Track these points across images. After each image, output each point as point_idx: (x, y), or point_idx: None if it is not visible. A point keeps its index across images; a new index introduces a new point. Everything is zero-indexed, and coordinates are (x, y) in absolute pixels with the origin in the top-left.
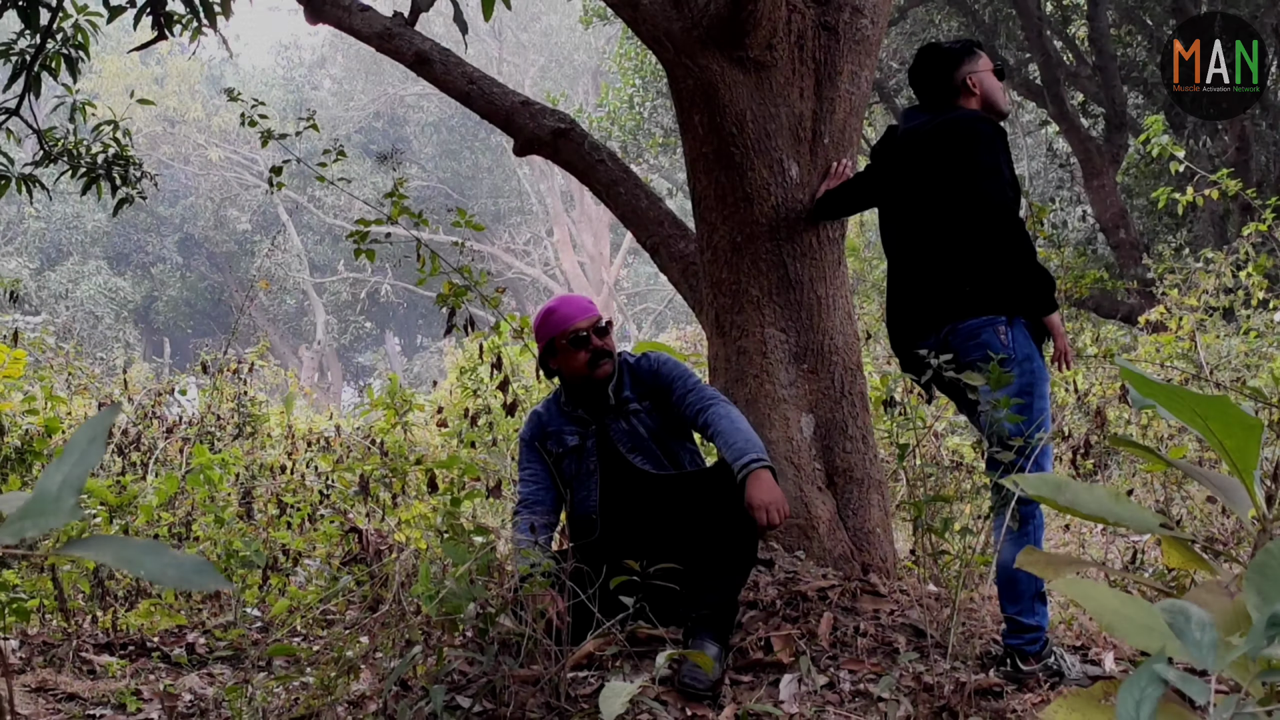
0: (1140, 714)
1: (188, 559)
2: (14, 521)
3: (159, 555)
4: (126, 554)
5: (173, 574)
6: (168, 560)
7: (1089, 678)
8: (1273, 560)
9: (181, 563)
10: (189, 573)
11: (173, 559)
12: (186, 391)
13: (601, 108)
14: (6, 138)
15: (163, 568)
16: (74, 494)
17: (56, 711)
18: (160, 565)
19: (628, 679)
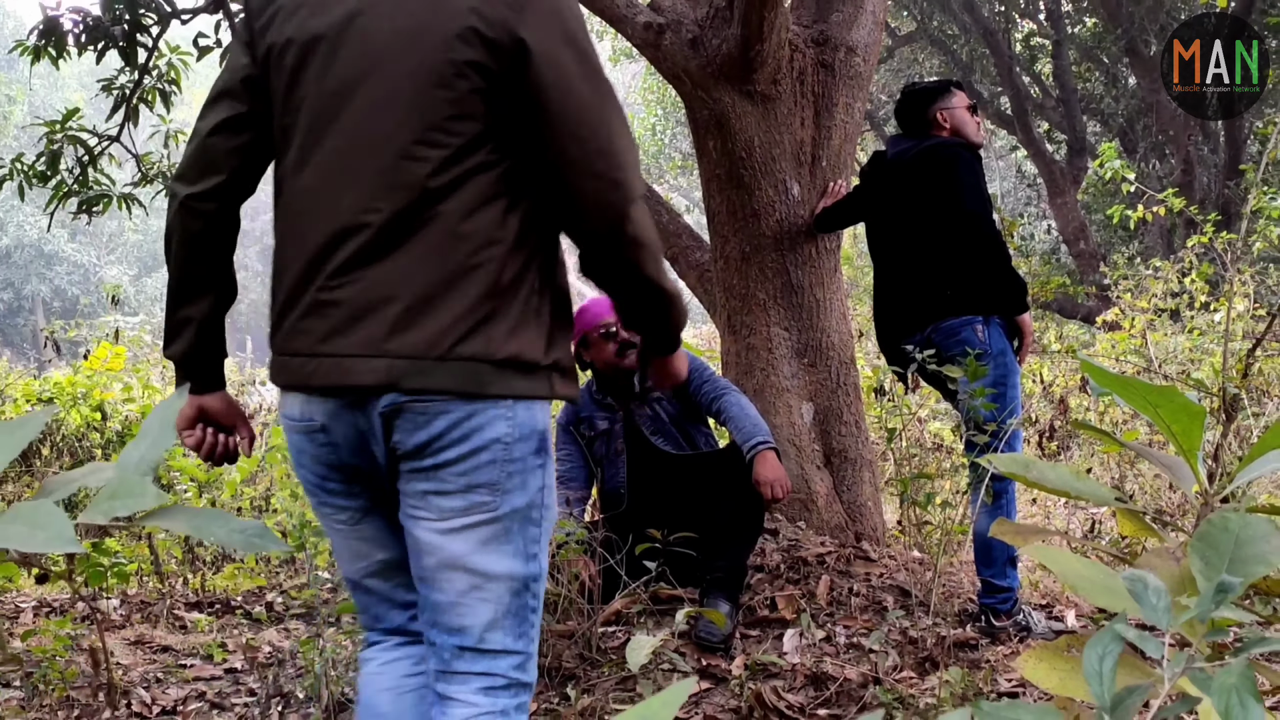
0: (1103, 667)
1: (250, 525)
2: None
3: (225, 523)
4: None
5: (237, 538)
6: (233, 526)
7: (1054, 632)
8: (1214, 530)
9: (245, 528)
10: (251, 536)
11: (237, 525)
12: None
13: None
14: (109, 161)
15: (229, 533)
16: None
17: (153, 661)
18: (226, 531)
19: (651, 633)
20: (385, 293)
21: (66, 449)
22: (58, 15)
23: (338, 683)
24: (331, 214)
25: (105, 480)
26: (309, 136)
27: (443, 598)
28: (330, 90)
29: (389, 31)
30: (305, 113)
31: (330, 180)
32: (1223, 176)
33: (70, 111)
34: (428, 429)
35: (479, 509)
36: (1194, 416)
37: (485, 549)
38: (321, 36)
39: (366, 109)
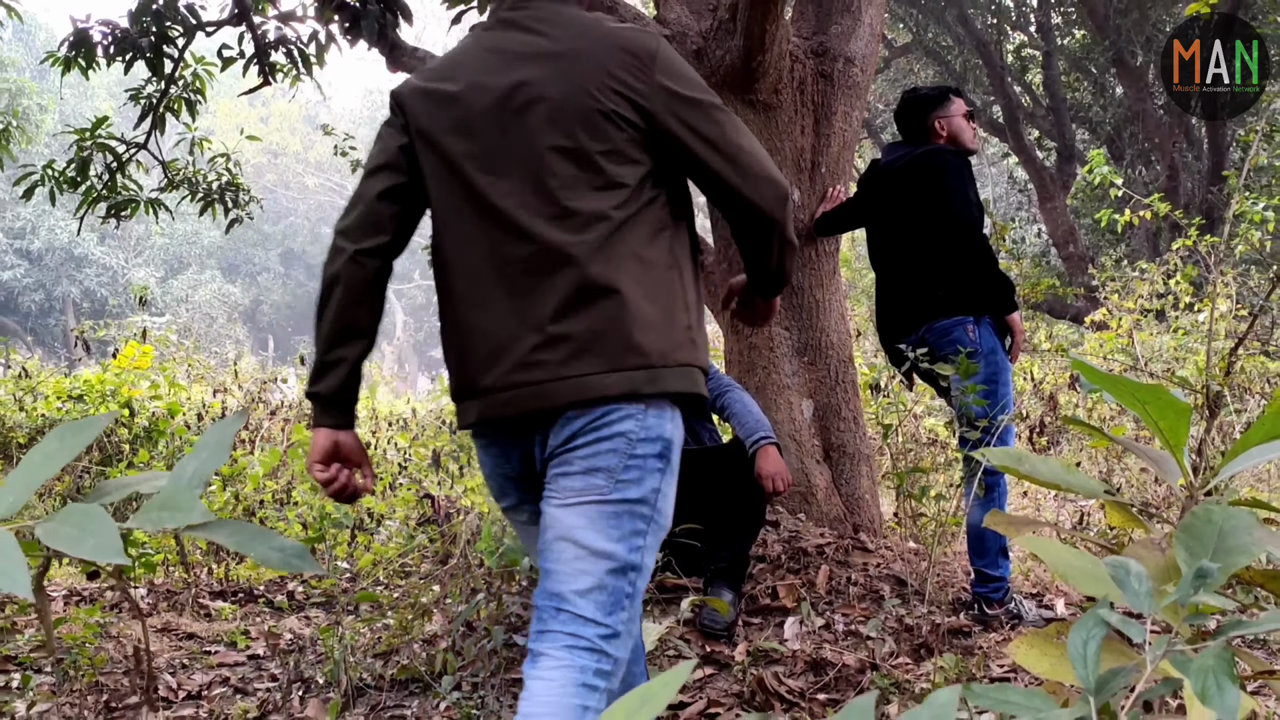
0: (1087, 651)
1: (289, 545)
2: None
3: (266, 540)
4: (241, 538)
5: (276, 557)
6: (273, 545)
7: (1044, 620)
8: (1198, 522)
9: (284, 548)
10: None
11: (277, 544)
12: (287, 380)
13: None
14: (137, 167)
15: (269, 551)
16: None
17: (179, 648)
18: (267, 549)
19: (657, 621)
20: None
21: (96, 443)
22: (87, 27)
23: (356, 669)
24: (524, 272)
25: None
26: (489, 185)
27: (552, 566)
28: (507, 146)
29: (553, 94)
30: (483, 165)
31: (516, 229)
32: (1206, 182)
33: (99, 120)
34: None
35: (593, 490)
36: (1179, 413)
37: (595, 525)
38: (497, 101)
39: (542, 161)
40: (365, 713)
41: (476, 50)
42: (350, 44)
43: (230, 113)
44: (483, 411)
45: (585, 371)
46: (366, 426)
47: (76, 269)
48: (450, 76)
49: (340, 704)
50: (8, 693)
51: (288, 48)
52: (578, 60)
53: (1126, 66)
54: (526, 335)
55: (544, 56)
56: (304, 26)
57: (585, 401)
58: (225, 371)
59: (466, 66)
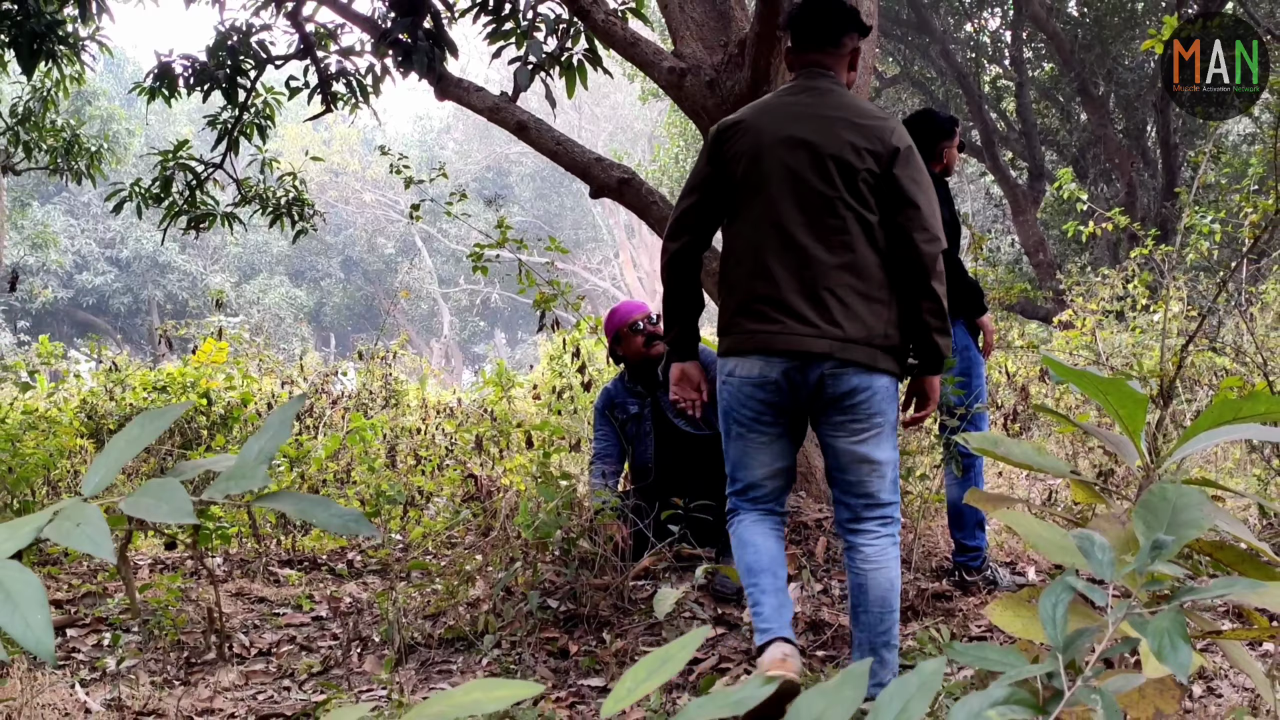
0: (1056, 614)
1: (348, 512)
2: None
3: (326, 508)
4: (302, 506)
5: (336, 522)
6: (332, 512)
7: (1017, 585)
8: (1154, 499)
9: (342, 514)
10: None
11: (335, 511)
12: (347, 373)
13: (655, 163)
14: (213, 185)
15: (328, 517)
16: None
17: (251, 610)
18: (326, 515)
19: (675, 586)
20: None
21: (177, 429)
22: (170, 61)
23: (408, 629)
24: (802, 251)
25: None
26: (774, 199)
27: (854, 479)
28: (788, 174)
29: (819, 145)
30: (772, 183)
31: (792, 230)
32: (1160, 198)
33: (180, 143)
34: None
35: (875, 426)
36: (1137, 402)
37: (877, 447)
38: (780, 143)
39: (810, 185)
40: (416, 668)
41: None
42: (403, 76)
43: (296, 136)
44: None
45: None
46: (417, 414)
47: (160, 275)
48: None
49: (394, 659)
50: (100, 650)
51: (347, 79)
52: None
53: (1090, 96)
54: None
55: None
56: (362, 60)
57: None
58: (292, 366)
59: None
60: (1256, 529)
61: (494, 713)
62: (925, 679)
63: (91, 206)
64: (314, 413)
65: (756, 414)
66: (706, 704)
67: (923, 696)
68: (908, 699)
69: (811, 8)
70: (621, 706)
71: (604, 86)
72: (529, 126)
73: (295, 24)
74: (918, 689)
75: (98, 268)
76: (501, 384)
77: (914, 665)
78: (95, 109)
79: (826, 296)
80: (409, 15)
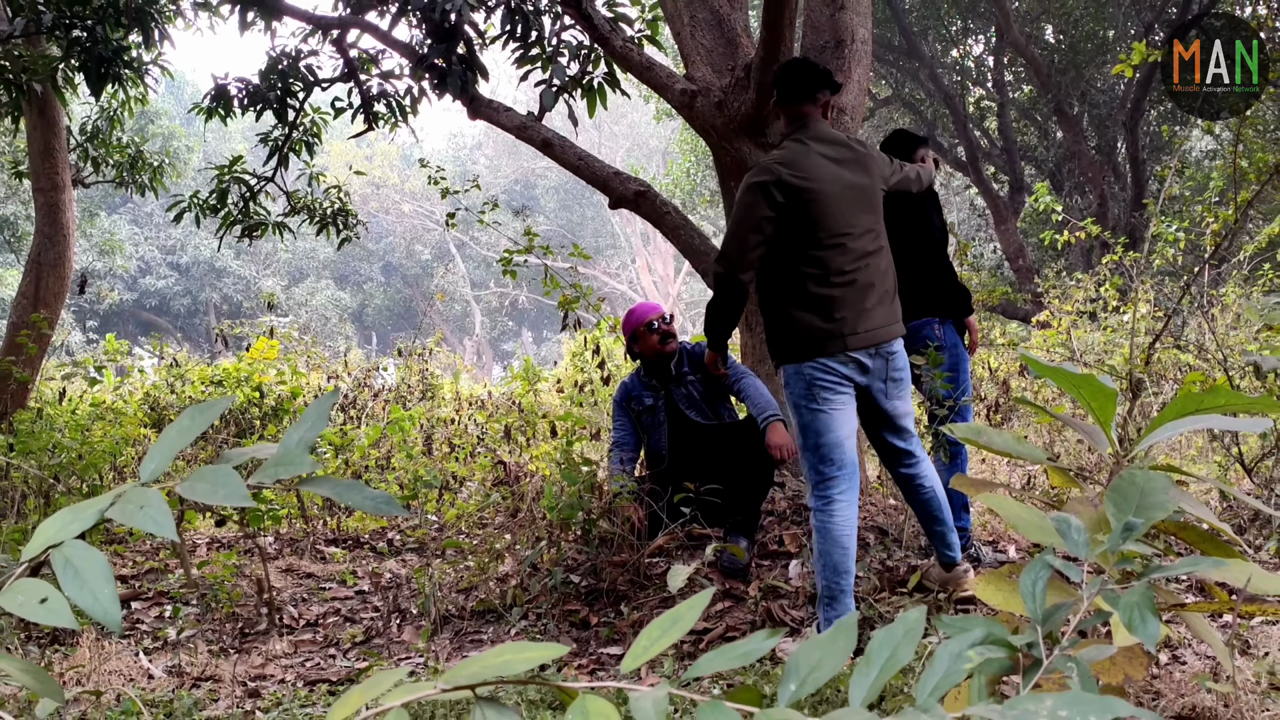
0: (1036, 589)
1: (379, 494)
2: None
3: (360, 491)
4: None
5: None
6: (366, 495)
7: (999, 562)
8: (1124, 483)
9: (375, 497)
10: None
11: (369, 494)
12: (387, 368)
13: (668, 176)
14: (265, 197)
15: (363, 499)
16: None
17: (300, 585)
18: (361, 498)
19: (686, 563)
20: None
21: (232, 419)
22: (226, 83)
23: (443, 602)
24: (867, 269)
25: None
26: (837, 229)
27: (905, 423)
28: (845, 204)
29: (857, 182)
30: (830, 216)
31: (854, 253)
32: (1130, 209)
33: (235, 158)
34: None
35: (906, 386)
36: (1108, 395)
37: (907, 402)
38: (833, 181)
39: (858, 213)
40: (450, 637)
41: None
42: (438, 97)
43: (341, 152)
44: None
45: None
46: (451, 406)
47: (217, 279)
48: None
49: (430, 630)
50: (161, 621)
51: (387, 100)
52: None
53: (1065, 115)
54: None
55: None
56: (401, 83)
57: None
58: (337, 362)
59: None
60: (1217, 511)
61: (522, 673)
62: (909, 626)
63: (154, 216)
64: (357, 405)
65: (841, 389)
66: (716, 657)
67: (909, 642)
68: (895, 645)
69: (792, 69)
70: (639, 664)
71: (622, 107)
72: (553, 143)
73: (340, 50)
74: (904, 635)
75: (160, 272)
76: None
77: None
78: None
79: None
80: (444, 42)
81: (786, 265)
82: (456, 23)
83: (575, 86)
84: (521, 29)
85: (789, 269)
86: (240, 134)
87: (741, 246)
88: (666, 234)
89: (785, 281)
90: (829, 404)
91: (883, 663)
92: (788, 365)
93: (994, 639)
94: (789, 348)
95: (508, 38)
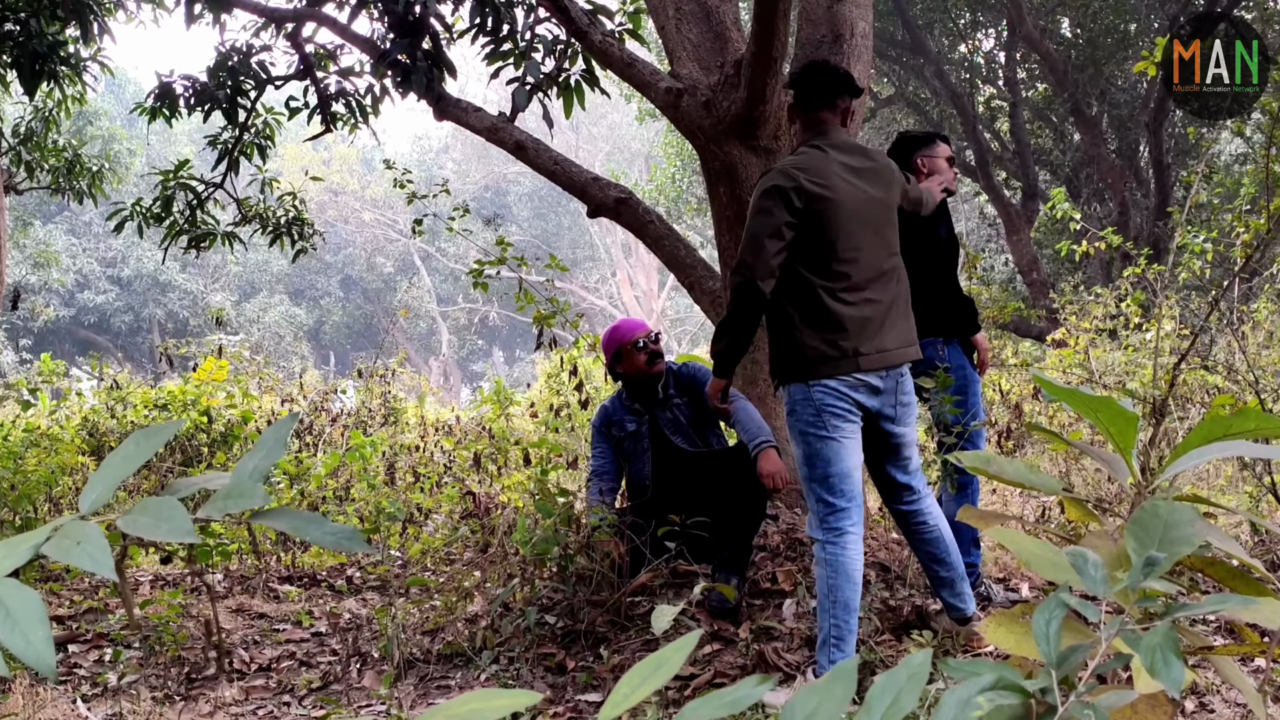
0: (1050, 630)
1: (341, 529)
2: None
3: (320, 525)
4: (298, 523)
5: (330, 539)
6: (326, 529)
7: (1010, 601)
8: (1146, 516)
9: (336, 531)
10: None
11: (330, 528)
12: (346, 391)
13: (652, 182)
14: (214, 204)
15: (323, 534)
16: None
17: (251, 626)
18: (321, 532)
19: (671, 603)
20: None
21: (178, 447)
22: (171, 82)
23: (407, 644)
24: (883, 286)
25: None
26: (854, 242)
27: (909, 453)
28: (862, 218)
29: (875, 195)
30: (848, 228)
31: (870, 269)
32: (1153, 217)
33: (181, 163)
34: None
35: (913, 412)
36: (1129, 420)
37: (914, 430)
38: (853, 192)
39: (876, 227)
40: (415, 683)
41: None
42: (402, 96)
43: (296, 156)
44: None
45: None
46: (415, 432)
47: (161, 293)
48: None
49: (393, 675)
50: (101, 665)
51: (346, 99)
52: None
53: (1083, 116)
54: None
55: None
56: (361, 81)
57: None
58: (292, 384)
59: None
60: (1248, 545)
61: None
62: (914, 671)
63: (93, 226)
64: (314, 430)
65: (852, 418)
66: (702, 705)
67: (912, 688)
68: (898, 691)
69: (812, 73)
70: (619, 712)
71: (601, 107)
72: (527, 146)
73: (295, 45)
74: (907, 680)
75: (99, 286)
76: (499, 402)
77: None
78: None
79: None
80: (408, 36)
81: (798, 278)
82: (421, 15)
83: (550, 85)
84: (492, 22)
85: (801, 282)
86: (187, 136)
87: (761, 253)
88: (650, 245)
89: (795, 295)
90: (838, 431)
91: (884, 710)
92: (794, 386)
93: (1005, 684)
94: (795, 366)
95: (477, 31)
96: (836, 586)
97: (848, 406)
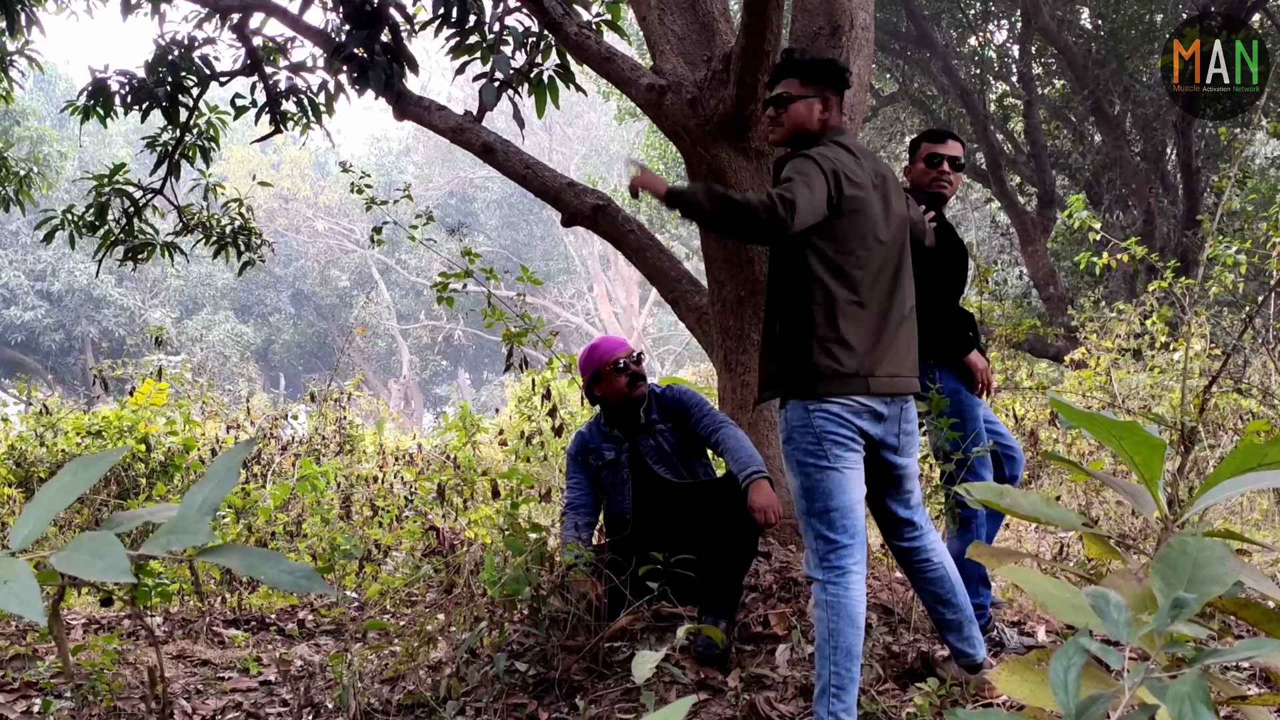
0: (1068, 678)
1: (299, 567)
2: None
3: (276, 564)
4: (250, 561)
5: (286, 579)
6: (282, 568)
7: (1025, 647)
8: (1173, 553)
9: (293, 570)
10: (299, 579)
11: (286, 567)
12: (298, 416)
13: None
14: (153, 212)
15: (278, 574)
16: (210, 514)
17: (194, 674)
18: (276, 571)
19: (654, 648)
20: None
21: (114, 477)
22: (106, 78)
23: (364, 694)
24: (900, 305)
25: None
26: (878, 252)
27: (910, 485)
28: (889, 230)
29: (899, 211)
30: (871, 235)
31: (888, 285)
32: (1181, 226)
33: (117, 166)
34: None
35: (916, 442)
36: (1154, 449)
37: (915, 461)
38: (877, 198)
39: (896, 241)
40: None
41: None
42: (359, 93)
43: (243, 159)
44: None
45: None
46: (373, 461)
47: (95, 310)
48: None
49: None
50: (29, 717)
51: (298, 97)
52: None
53: (1104, 115)
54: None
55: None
56: (314, 77)
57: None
58: (238, 408)
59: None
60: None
61: None
62: None
63: (20, 235)
64: (262, 459)
65: (855, 447)
66: None
67: None
68: None
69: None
70: None
71: (577, 105)
72: (495, 149)
73: (241, 38)
74: None
75: (27, 302)
76: (465, 428)
77: None
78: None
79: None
80: (365, 28)
81: (813, 280)
82: (380, 5)
83: (522, 81)
84: (458, 12)
85: (815, 285)
86: (123, 138)
87: (813, 194)
88: (630, 257)
89: (806, 300)
90: (841, 461)
91: None
92: (792, 407)
93: None
94: (798, 380)
95: (441, 23)
96: (838, 630)
97: (850, 434)
